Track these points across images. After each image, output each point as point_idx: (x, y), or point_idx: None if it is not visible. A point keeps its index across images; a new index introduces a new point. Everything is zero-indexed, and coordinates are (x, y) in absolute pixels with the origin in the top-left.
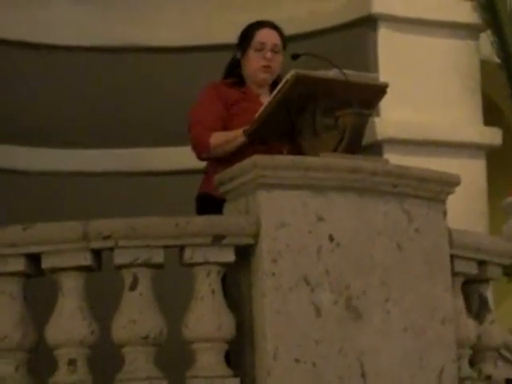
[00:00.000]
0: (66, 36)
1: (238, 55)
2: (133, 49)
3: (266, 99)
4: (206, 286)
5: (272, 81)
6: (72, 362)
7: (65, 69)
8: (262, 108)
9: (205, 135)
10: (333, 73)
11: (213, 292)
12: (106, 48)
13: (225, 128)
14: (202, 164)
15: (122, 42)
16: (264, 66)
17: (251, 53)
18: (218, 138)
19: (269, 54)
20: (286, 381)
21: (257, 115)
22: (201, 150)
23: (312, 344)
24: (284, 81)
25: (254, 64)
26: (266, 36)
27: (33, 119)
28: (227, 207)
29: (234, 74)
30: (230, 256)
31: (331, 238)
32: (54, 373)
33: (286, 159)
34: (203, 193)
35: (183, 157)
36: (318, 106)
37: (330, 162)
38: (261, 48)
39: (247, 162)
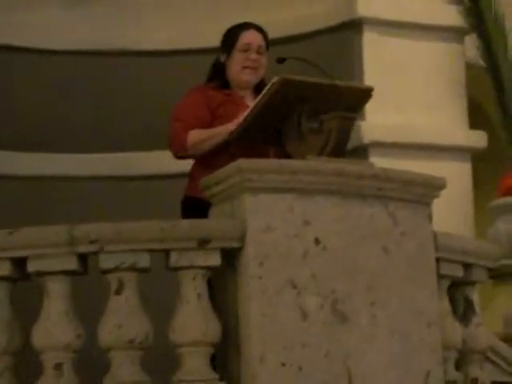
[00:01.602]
0: (54, 40)
1: (222, 57)
2: (123, 53)
3: (250, 102)
4: (192, 290)
5: (256, 82)
6: (58, 367)
7: (52, 73)
8: (248, 111)
9: (182, 132)
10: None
11: (198, 296)
12: (95, 52)
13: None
14: (189, 168)
15: (112, 46)
16: (247, 67)
17: (236, 54)
18: (195, 137)
19: (254, 56)
20: None
21: (242, 118)
22: (177, 148)
23: (298, 348)
24: (270, 84)
25: (238, 65)
26: (250, 37)
27: (19, 124)
28: (213, 211)
29: (218, 76)
30: (215, 260)
31: (317, 242)
32: (40, 377)
33: (271, 163)
34: (188, 196)
35: (170, 161)
36: (304, 110)
37: (316, 165)
38: (246, 49)
39: (233, 166)
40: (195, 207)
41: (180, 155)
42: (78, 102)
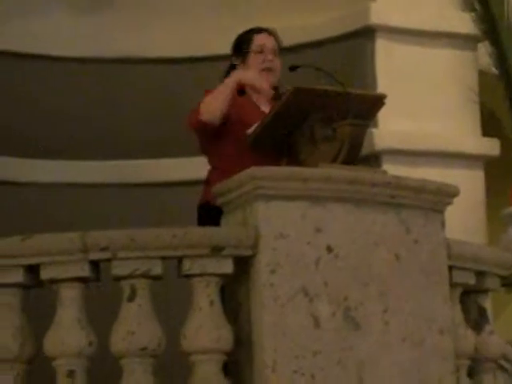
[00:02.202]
0: (60, 47)
1: (238, 61)
2: (128, 60)
3: (264, 107)
4: (205, 297)
5: (273, 85)
6: (71, 374)
7: (60, 80)
8: (262, 119)
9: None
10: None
11: (211, 303)
12: (100, 59)
13: (221, 133)
14: (200, 175)
15: (118, 54)
16: (265, 69)
17: (252, 57)
18: (206, 98)
19: (270, 56)
20: None
21: (256, 126)
22: (192, 115)
23: (310, 355)
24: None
25: (256, 68)
26: (264, 39)
27: (28, 130)
28: (226, 218)
29: None
30: (228, 267)
31: (330, 249)
32: None
33: (284, 170)
34: (205, 202)
35: (181, 168)
36: (317, 118)
37: (329, 172)
38: (261, 50)
39: (245, 174)
40: (212, 212)
41: (197, 122)
42: (88, 110)
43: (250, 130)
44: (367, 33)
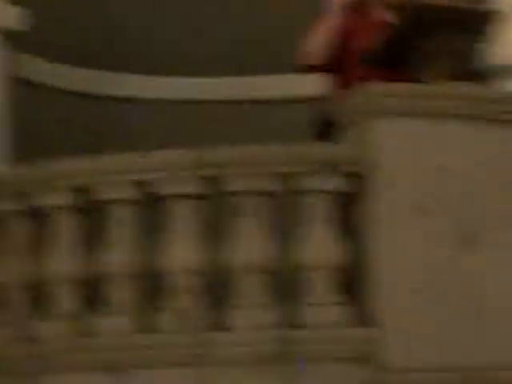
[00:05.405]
0: None
1: None
2: None
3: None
4: (320, 215)
5: None
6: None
7: None
8: (377, 36)
9: None
10: None
11: (327, 220)
12: None
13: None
14: (306, 92)
15: None
16: None
17: None
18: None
19: None
20: (402, 311)
21: (371, 43)
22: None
23: (428, 271)
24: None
25: None
26: None
27: (141, 46)
28: (341, 135)
29: None
30: (343, 184)
31: (445, 166)
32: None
33: (400, 87)
34: (323, 116)
35: (291, 84)
36: (433, 34)
37: (446, 89)
38: None
39: (362, 90)
40: (330, 128)
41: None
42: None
43: (368, 44)
44: None
